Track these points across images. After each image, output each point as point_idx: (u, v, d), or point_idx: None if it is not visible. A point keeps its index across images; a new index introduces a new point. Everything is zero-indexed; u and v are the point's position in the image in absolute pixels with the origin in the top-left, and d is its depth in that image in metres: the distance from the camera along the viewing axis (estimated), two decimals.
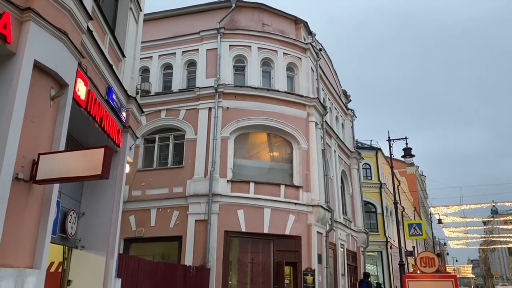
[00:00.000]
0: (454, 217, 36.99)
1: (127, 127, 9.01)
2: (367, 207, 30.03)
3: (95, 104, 7.16)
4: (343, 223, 21.00)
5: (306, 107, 17.58)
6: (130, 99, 9.26)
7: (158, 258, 15.06)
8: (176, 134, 16.82)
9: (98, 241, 8.09)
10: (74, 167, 5.25)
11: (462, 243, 58.28)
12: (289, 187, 16.21)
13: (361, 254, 23.76)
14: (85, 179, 6.03)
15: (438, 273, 9.88)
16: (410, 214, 44.58)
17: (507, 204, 36.69)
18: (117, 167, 8.54)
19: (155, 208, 15.53)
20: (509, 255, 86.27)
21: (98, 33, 7.58)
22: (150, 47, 17.61)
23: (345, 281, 20.41)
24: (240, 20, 18.03)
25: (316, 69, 19.41)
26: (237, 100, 16.53)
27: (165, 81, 17.99)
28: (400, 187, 39.20)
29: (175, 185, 15.70)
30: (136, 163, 16.24)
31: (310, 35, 19.74)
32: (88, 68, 7.01)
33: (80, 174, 5.27)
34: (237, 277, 15.18)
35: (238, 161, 16.24)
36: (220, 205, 14.97)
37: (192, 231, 14.75)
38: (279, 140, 17.34)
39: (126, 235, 15.19)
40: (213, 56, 17.13)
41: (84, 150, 5.49)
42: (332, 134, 21.40)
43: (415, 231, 18.35)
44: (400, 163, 38.87)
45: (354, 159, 24.90)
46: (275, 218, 15.40)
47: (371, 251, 29.02)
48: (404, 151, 19.97)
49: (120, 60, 9.01)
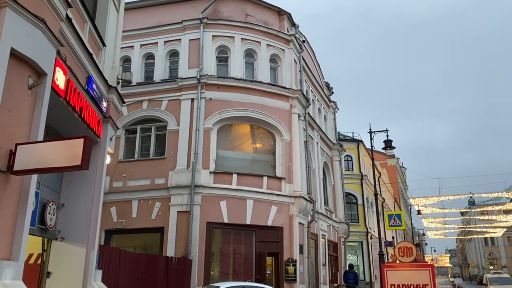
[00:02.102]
0: (432, 208, 37.70)
1: (107, 118, 8.90)
2: (348, 198, 30.40)
3: (75, 94, 7.03)
4: (324, 214, 21.23)
5: (289, 99, 17.62)
6: (111, 89, 9.13)
7: (139, 250, 14.98)
8: (158, 125, 16.67)
9: (78, 232, 8.02)
10: (53, 157, 5.17)
11: (440, 233, 59.59)
12: (271, 179, 16.28)
13: (342, 245, 24.10)
14: (64, 170, 5.95)
15: (416, 263, 10.10)
16: (390, 205, 45.34)
17: (484, 195, 37.58)
18: (97, 158, 8.44)
19: (137, 200, 15.43)
20: (485, 245, 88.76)
21: (77, 21, 7.43)
22: (132, 37, 17.34)
23: (326, 271, 20.70)
24: (223, 10, 17.89)
25: (299, 61, 19.43)
26: (220, 91, 16.46)
27: (147, 71, 17.76)
28: (381, 178, 39.77)
29: (157, 176, 15.60)
30: (117, 154, 16.06)
31: (293, 26, 19.72)
32: (67, 57, 6.88)
33: (59, 165, 5.20)
34: (219, 268, 15.25)
35: (221, 153, 16.22)
36: (203, 197, 14.96)
37: (174, 223, 14.72)
38: (262, 131, 17.37)
39: (107, 226, 15.08)
40: (195, 46, 16.98)
41: (63, 140, 5.42)
42: (315, 126, 21.52)
43: (395, 222, 18.68)
44: (382, 155, 39.42)
45: (336, 151, 25.12)
46: (257, 209, 15.47)
47: (352, 241, 29.45)
48: (385, 143, 20.22)
49: (100, 49, 8.86)
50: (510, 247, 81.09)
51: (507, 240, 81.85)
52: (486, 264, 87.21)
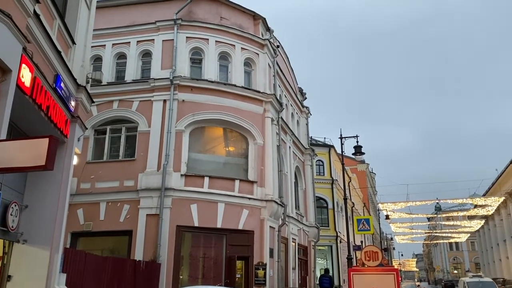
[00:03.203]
0: (400, 213, 38.53)
1: (75, 117, 8.69)
2: (319, 202, 30.76)
3: (41, 92, 6.84)
4: (295, 218, 21.38)
5: (263, 103, 17.68)
6: (80, 88, 8.94)
7: (107, 253, 14.66)
8: (128, 126, 16.39)
9: (42, 235, 7.78)
10: (17, 157, 5.02)
11: (408, 238, 61.05)
12: (243, 182, 16.27)
13: (312, 248, 24.33)
14: (28, 170, 5.78)
15: (381, 267, 10.30)
16: (359, 209, 46.14)
17: (450, 201, 38.75)
18: (64, 159, 8.23)
19: (105, 202, 15.09)
20: (450, 250, 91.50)
21: (46, 17, 7.24)
22: (104, 35, 17.02)
23: (296, 275, 20.83)
24: (198, 12, 17.81)
25: (273, 66, 19.55)
26: (193, 93, 16.35)
27: (118, 71, 17.46)
28: (351, 183, 40.45)
29: (126, 178, 15.32)
30: (86, 154, 15.69)
31: (268, 31, 19.84)
32: (34, 54, 6.69)
33: (23, 165, 5.05)
34: (188, 271, 15.09)
35: (193, 155, 16.10)
36: (173, 200, 14.79)
37: (143, 226, 14.48)
38: (235, 135, 17.35)
39: (74, 229, 14.68)
40: (169, 47, 16.82)
41: (28, 139, 5.28)
42: (288, 130, 21.68)
43: (364, 226, 19.00)
44: (353, 160, 40.06)
45: (308, 156, 25.38)
46: (228, 213, 15.42)
47: (322, 245, 29.77)
48: (355, 149, 20.58)
49: (70, 47, 8.66)
50: (473, 252, 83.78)
51: (471, 245, 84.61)
52: (451, 268, 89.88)
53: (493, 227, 50.49)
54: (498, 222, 47.32)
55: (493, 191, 44.83)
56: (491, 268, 53.46)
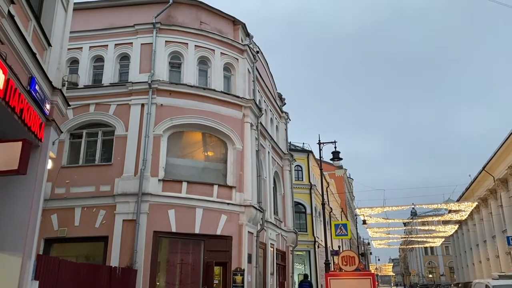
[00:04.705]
0: (377, 218, 39.09)
1: (50, 121, 8.51)
2: (297, 207, 30.89)
3: (15, 95, 6.68)
4: (273, 223, 21.40)
5: (242, 108, 17.70)
6: (55, 91, 8.76)
7: (82, 259, 14.36)
8: (105, 130, 16.13)
9: (13, 241, 7.55)
10: None
11: (384, 243, 61.92)
12: (222, 187, 16.21)
13: (290, 254, 24.37)
14: (0, 174, 5.61)
15: (358, 272, 10.41)
16: (337, 215, 46.55)
17: (425, 207, 39.56)
18: (37, 163, 8.03)
19: (80, 207, 14.78)
20: (425, 254, 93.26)
21: (21, 18, 7.09)
22: (81, 38, 16.76)
23: (274, 280, 20.83)
24: (177, 16, 17.74)
25: (253, 71, 19.62)
26: (172, 97, 16.24)
27: (95, 74, 17.19)
28: (329, 188, 40.80)
29: (102, 183, 15.05)
30: (61, 159, 15.36)
31: (247, 37, 19.92)
32: (8, 55, 6.54)
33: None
34: (165, 278, 14.91)
35: (171, 160, 15.96)
36: (150, 205, 14.61)
37: (119, 231, 14.23)
38: (214, 140, 17.29)
39: (47, 235, 14.32)
40: (148, 51, 16.68)
41: (0, 143, 5.12)
42: (267, 135, 21.74)
43: (341, 231, 19.19)
44: (331, 166, 40.45)
45: (286, 161, 25.49)
46: (207, 218, 15.32)
47: (300, 250, 29.87)
48: (333, 155, 20.80)
49: (45, 49, 8.50)
50: (447, 256, 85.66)
51: (445, 249, 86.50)
52: (426, 272, 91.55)
53: (466, 231, 51.77)
54: (471, 227, 48.55)
55: (466, 196, 45.98)
56: (464, 272, 54.67)
